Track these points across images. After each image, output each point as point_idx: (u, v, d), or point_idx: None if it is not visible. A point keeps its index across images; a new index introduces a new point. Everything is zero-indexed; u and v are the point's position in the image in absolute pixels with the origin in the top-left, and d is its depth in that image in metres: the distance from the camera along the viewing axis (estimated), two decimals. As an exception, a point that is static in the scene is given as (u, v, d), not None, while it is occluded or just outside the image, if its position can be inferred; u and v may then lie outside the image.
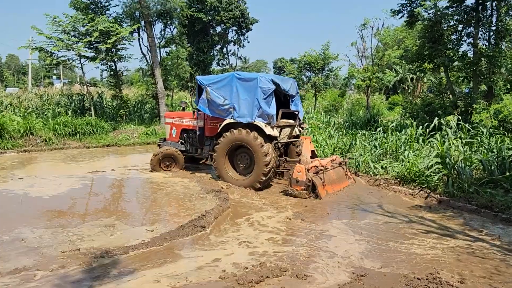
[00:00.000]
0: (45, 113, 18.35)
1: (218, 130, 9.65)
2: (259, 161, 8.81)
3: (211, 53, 44.95)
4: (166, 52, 33.32)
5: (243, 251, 5.48)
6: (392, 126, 13.96)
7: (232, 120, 9.32)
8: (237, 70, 53.94)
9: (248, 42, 47.93)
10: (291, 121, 10.00)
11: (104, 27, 17.89)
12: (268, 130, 8.95)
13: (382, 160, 11.11)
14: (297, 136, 10.30)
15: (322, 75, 26.78)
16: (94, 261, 4.97)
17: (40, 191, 8.57)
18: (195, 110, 10.41)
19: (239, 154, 9.55)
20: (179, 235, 5.91)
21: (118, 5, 45.56)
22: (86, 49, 18.77)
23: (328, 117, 20.20)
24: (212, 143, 10.20)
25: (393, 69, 30.41)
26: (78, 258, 5.05)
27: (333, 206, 7.88)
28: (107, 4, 21.64)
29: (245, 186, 9.02)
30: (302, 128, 10.50)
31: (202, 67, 41.72)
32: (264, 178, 8.83)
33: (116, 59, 20.29)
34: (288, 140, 9.95)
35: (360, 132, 14.43)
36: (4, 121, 15.20)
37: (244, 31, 45.97)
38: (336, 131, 15.90)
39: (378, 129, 13.90)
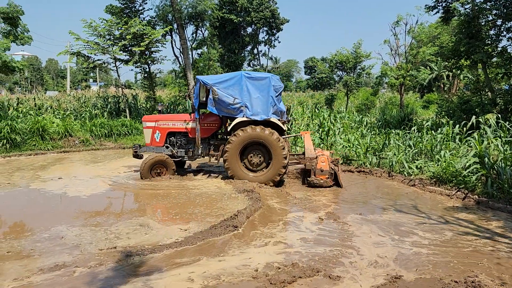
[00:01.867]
0: (83, 115, 19.03)
1: (229, 129, 9.74)
2: (277, 155, 9.25)
3: (242, 54, 45.23)
4: (197, 54, 33.82)
5: (275, 251, 5.48)
6: (427, 125, 13.60)
7: (244, 118, 9.47)
8: (268, 71, 54.03)
9: (279, 42, 48.03)
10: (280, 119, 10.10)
11: (137, 30, 18.34)
12: (284, 126, 9.67)
13: (417, 160, 10.85)
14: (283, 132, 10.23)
15: (354, 74, 26.43)
16: (129, 259, 5.10)
17: (78, 190, 8.88)
18: (193, 111, 10.14)
19: (250, 152, 9.64)
20: (211, 234, 5.98)
21: (151, 9, 46.49)
22: (121, 52, 19.30)
23: (361, 116, 19.90)
24: (205, 144, 10.24)
25: (428, 67, 29.59)
26: (114, 255, 5.20)
27: (366, 207, 7.77)
28: (141, 8, 22.17)
29: (262, 182, 9.31)
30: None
31: (233, 68, 42.04)
32: (283, 170, 9.36)
33: (149, 62, 20.75)
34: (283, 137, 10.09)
35: (394, 132, 14.15)
36: (44, 123, 15.86)
37: (274, 31, 46.01)
38: (368, 130, 15.65)
39: (413, 128, 13.58)
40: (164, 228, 6.39)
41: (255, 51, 48.79)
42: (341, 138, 13.85)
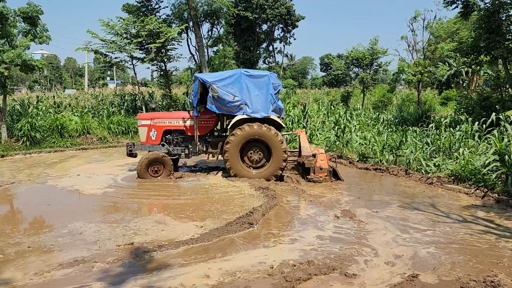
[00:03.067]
0: (100, 113, 19.30)
1: (229, 127, 9.74)
2: (277, 151, 9.44)
3: (257, 51, 45.22)
4: (213, 51, 33.94)
5: (290, 248, 5.48)
6: (446, 122, 13.40)
7: (245, 116, 9.53)
8: (283, 68, 53.90)
9: (295, 39, 47.77)
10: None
11: (152, 27, 18.49)
12: (281, 123, 9.82)
13: (435, 157, 10.70)
14: None
15: (370, 71, 26.16)
16: (146, 255, 5.17)
17: (95, 187, 9.02)
18: (192, 109, 10.10)
19: (249, 149, 9.70)
20: (227, 231, 6.01)
21: (167, 7, 46.87)
22: (137, 49, 19.48)
23: (377, 113, 19.70)
24: (202, 142, 10.24)
25: (446, 63, 29.10)
26: (132, 251, 5.28)
27: (382, 205, 7.70)
28: (157, 6, 22.33)
29: (264, 178, 9.43)
30: None
31: (249, 66, 42.05)
32: (284, 164, 9.62)
33: (165, 59, 20.88)
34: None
35: (411, 129, 13.98)
36: (63, 121, 16.15)
37: (290, 28, 45.83)
38: (385, 127, 15.49)
39: (430, 126, 13.39)
40: (180, 225, 6.45)
41: (271, 48, 48.75)
42: (357, 135, 13.74)
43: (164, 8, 30.17)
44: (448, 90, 32.97)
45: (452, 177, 9.35)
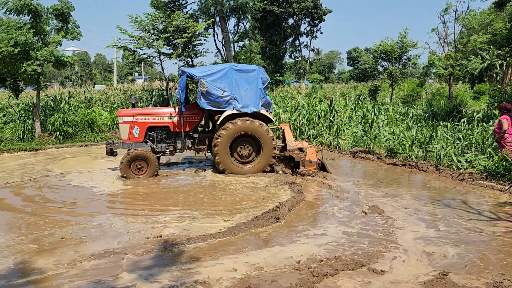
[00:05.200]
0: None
1: (218, 122, 9.58)
2: (267, 146, 9.57)
3: (284, 46, 44.94)
4: (239, 46, 33.98)
5: (317, 243, 5.45)
6: (478, 116, 12.99)
7: (234, 111, 9.47)
8: (310, 62, 53.45)
9: (321, 33, 47.17)
10: None
11: (179, 23, 18.66)
12: (271, 117, 9.96)
13: (467, 153, 10.40)
14: None
15: (399, 64, 25.62)
16: (174, 247, 5.25)
17: (120, 182, 9.21)
18: (178, 105, 9.85)
19: (238, 144, 9.69)
20: (254, 225, 6.04)
21: (194, 3, 47.22)
22: (165, 45, 19.72)
23: (406, 108, 19.29)
24: (187, 137, 10.07)
25: (479, 56, 28.20)
26: (160, 244, 5.37)
27: (412, 201, 7.54)
28: (184, 2, 22.52)
29: (252, 173, 9.54)
30: None
31: (275, 60, 41.91)
32: (273, 161, 9.76)
33: (192, 55, 21.07)
34: None
35: (442, 124, 13.62)
36: (94, 116, 16.58)
37: (316, 22, 45.29)
38: (414, 122, 15.15)
39: (462, 120, 13.02)
40: (207, 218, 6.51)
41: (297, 42, 48.34)
42: (385, 130, 13.49)
43: (191, 3, 30.37)
44: (481, 84, 31.94)
45: (485, 174, 9.07)
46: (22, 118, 15.73)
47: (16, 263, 4.86)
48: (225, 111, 9.51)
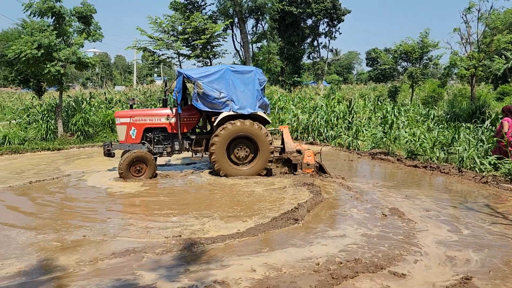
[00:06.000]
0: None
1: (215, 124, 9.52)
2: (265, 148, 9.50)
3: (302, 47, 44.79)
4: (257, 47, 34.00)
5: (336, 245, 5.40)
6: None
7: (231, 113, 9.40)
8: (328, 63, 53.12)
9: (340, 33, 46.87)
10: None
11: (198, 24, 18.79)
12: (269, 119, 9.85)
13: (490, 155, 10.16)
14: None
15: (420, 65, 25.23)
16: (193, 247, 5.28)
17: (140, 183, 9.31)
18: (175, 106, 9.78)
19: (236, 146, 9.63)
20: (272, 226, 6.02)
21: (213, 4, 47.51)
22: (184, 46, 19.88)
23: (427, 109, 18.99)
24: (184, 139, 10.01)
25: (503, 56, 27.56)
26: (180, 243, 5.41)
27: (433, 204, 7.40)
28: (202, 3, 22.68)
29: (248, 175, 9.47)
30: None
31: (293, 61, 41.79)
32: (270, 164, 9.71)
33: (211, 56, 21.19)
34: None
35: (464, 125, 13.36)
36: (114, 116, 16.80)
37: (335, 22, 45.00)
38: (436, 124, 14.90)
39: (486, 122, 12.73)
40: (225, 219, 6.52)
41: (315, 43, 48.13)
42: (405, 132, 13.30)
43: (210, 5, 30.63)
44: (505, 85, 31.23)
45: (510, 177, 8.85)
46: (45, 118, 16.10)
47: (39, 260, 4.96)
48: (221, 112, 9.49)
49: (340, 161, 12.15)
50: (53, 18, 14.58)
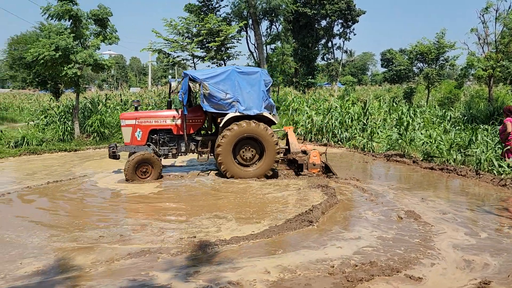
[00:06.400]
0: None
1: (221, 125, 9.50)
2: (271, 149, 9.47)
3: (316, 48, 44.62)
4: (271, 48, 33.99)
5: (351, 247, 5.36)
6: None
7: (237, 114, 9.40)
8: (342, 64, 52.82)
9: (354, 34, 46.52)
10: None
11: (212, 26, 18.88)
12: (275, 120, 9.85)
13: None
14: None
15: (436, 66, 24.93)
16: (207, 248, 5.29)
17: (153, 184, 9.36)
18: (181, 107, 9.78)
19: (242, 147, 9.60)
20: (287, 228, 6.01)
21: (227, 6, 47.73)
22: (198, 48, 20.00)
23: (443, 110, 18.73)
24: (190, 140, 9.98)
25: (522, 56, 27.07)
26: (194, 245, 5.43)
27: (450, 207, 7.30)
28: (217, 5, 22.78)
29: (254, 177, 9.46)
30: None
31: (307, 62, 41.68)
32: (276, 165, 9.69)
33: (225, 58, 21.26)
34: None
35: (482, 127, 13.14)
36: (129, 117, 16.96)
37: (350, 23, 44.73)
38: (452, 125, 14.69)
39: (504, 124, 12.47)
40: (239, 221, 6.53)
41: (329, 44, 47.89)
42: (421, 133, 13.14)
43: (224, 6, 30.80)
44: (523, 86, 30.61)
45: (529, 179, 8.68)
46: (62, 119, 16.36)
47: (57, 259, 5.03)
48: (227, 113, 9.50)
49: (355, 162, 12.06)
50: (70, 21, 14.81)
